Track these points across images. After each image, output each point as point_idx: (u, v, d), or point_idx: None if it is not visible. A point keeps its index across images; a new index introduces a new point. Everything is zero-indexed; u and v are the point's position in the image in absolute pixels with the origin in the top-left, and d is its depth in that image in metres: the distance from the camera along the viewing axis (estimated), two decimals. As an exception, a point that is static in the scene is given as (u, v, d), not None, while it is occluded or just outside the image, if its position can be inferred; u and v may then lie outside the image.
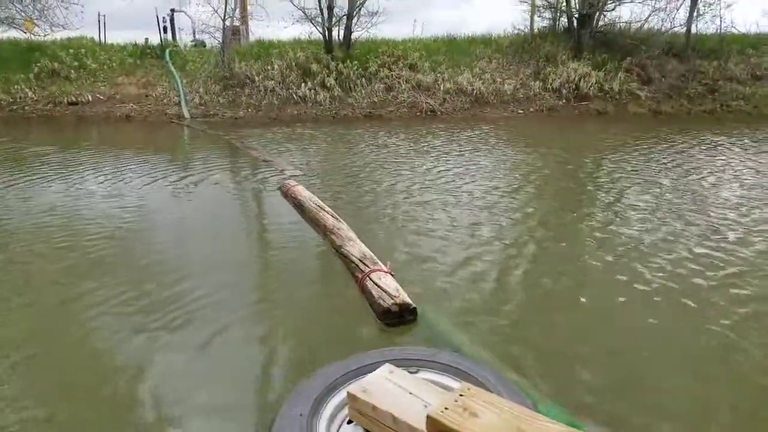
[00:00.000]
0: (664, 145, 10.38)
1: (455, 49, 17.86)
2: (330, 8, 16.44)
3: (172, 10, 18.28)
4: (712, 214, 5.89)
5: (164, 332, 3.41)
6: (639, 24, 17.64)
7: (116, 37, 22.11)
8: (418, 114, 15.40)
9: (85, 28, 18.26)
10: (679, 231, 5.32)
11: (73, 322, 3.60)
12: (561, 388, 2.82)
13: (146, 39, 18.10)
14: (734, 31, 18.03)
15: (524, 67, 17.07)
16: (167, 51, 17.15)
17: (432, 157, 9.35)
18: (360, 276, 3.90)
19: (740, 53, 17.09)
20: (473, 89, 16.01)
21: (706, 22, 17.93)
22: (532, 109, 15.83)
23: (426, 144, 10.73)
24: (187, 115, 14.88)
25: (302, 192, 6.26)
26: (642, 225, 5.52)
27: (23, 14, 15.85)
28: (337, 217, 5.26)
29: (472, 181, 7.49)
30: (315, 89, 15.64)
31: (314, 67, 16.09)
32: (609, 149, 10.15)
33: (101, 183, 7.50)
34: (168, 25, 18.53)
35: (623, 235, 5.24)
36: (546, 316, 3.68)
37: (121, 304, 3.78)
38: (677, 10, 17.32)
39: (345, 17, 16.64)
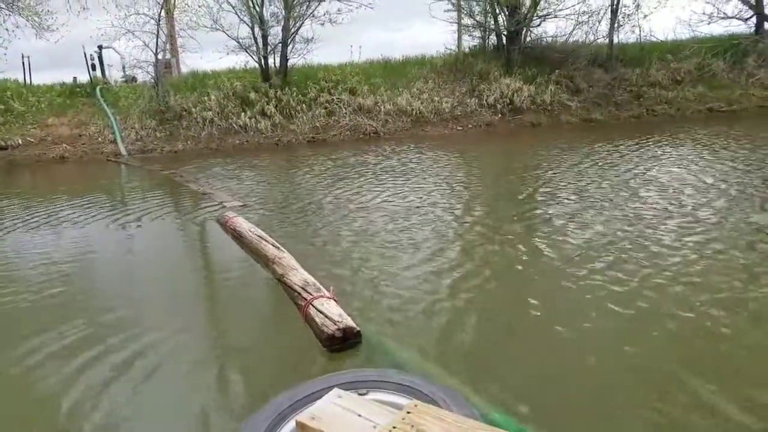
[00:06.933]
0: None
1: (391, 72, 18.11)
2: (264, 36, 16.44)
3: (100, 47, 17.82)
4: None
5: (107, 368, 3.33)
6: (564, 38, 18.41)
7: (43, 77, 21.53)
8: (361, 136, 15.51)
9: (9, 71, 17.63)
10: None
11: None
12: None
13: (74, 78, 17.66)
14: (653, 39, 19.12)
15: (459, 85, 17.48)
16: (97, 88, 16.71)
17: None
18: (303, 304, 3.85)
19: (660, 60, 18.06)
20: (413, 109, 16.28)
21: (627, 33, 18.95)
22: (470, 126, 16.20)
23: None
24: (123, 152, 14.50)
25: (242, 223, 6.08)
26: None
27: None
28: (279, 246, 5.17)
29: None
30: (255, 118, 15.54)
31: (252, 95, 16.01)
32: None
33: (36, 227, 7.22)
34: (96, 62, 18.06)
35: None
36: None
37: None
38: (599, 22, 18.22)
39: (280, 45, 16.68)
